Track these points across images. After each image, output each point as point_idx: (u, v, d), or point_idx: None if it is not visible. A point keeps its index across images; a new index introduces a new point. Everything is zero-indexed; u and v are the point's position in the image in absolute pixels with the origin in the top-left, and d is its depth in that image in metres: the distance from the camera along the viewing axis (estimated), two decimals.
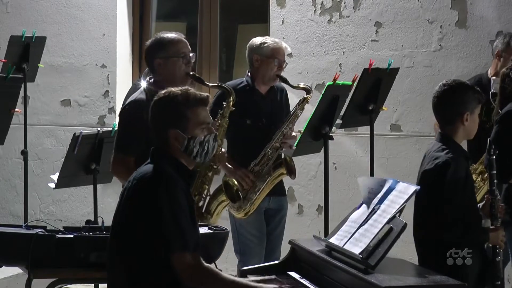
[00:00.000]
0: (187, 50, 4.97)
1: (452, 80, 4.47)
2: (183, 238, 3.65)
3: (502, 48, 6.31)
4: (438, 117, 4.45)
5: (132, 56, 8.30)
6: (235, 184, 5.26)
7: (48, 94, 8.32)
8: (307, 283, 4.09)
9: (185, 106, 3.83)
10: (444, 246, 4.21)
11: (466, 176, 4.28)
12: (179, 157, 3.84)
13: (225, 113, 5.11)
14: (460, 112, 4.35)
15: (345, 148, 7.31)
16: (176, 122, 3.82)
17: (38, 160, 8.27)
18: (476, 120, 4.38)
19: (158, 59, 4.93)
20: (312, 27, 7.50)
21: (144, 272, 3.69)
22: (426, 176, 4.31)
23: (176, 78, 4.88)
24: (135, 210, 3.72)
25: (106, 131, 5.76)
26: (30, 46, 7.04)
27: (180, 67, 4.92)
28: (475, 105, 4.36)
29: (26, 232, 4.48)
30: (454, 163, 4.23)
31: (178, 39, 4.98)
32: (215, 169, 5.04)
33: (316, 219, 7.35)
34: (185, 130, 3.82)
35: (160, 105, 3.87)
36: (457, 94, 4.37)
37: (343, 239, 3.96)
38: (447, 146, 4.32)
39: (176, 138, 3.81)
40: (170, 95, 3.86)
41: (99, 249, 4.35)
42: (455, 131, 4.37)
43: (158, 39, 4.99)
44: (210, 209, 5.12)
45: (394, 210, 3.87)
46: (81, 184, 6.07)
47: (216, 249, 4.52)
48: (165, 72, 4.92)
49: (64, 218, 8.13)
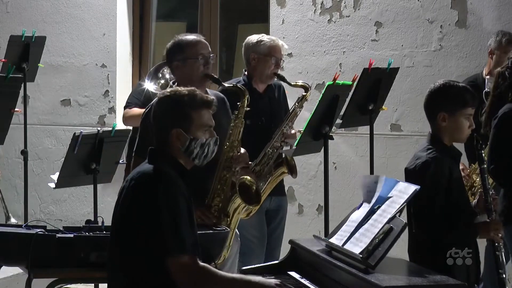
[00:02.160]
0: (205, 52, 4.96)
1: (443, 80, 4.46)
2: (181, 241, 3.64)
3: (494, 46, 6.32)
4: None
5: (132, 56, 8.30)
6: (252, 183, 5.12)
7: (48, 94, 8.32)
8: (307, 282, 4.08)
9: (190, 107, 3.83)
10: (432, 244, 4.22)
11: (450, 175, 4.27)
12: (178, 157, 3.84)
13: (240, 114, 5.05)
14: (435, 112, 4.34)
15: (345, 148, 7.31)
16: (180, 122, 3.82)
17: (38, 160, 8.27)
18: (460, 123, 4.32)
19: (176, 61, 4.94)
20: (312, 27, 7.50)
21: (143, 273, 3.68)
22: (407, 175, 4.33)
23: (194, 79, 4.88)
24: (134, 211, 3.71)
25: (106, 131, 5.75)
26: (30, 46, 7.03)
27: (197, 68, 4.92)
28: (457, 107, 4.31)
29: (26, 232, 4.48)
30: (435, 164, 4.23)
31: (196, 41, 4.97)
32: (234, 172, 5.00)
33: (316, 219, 7.35)
34: (188, 131, 3.82)
35: (165, 104, 3.87)
36: (435, 95, 4.38)
37: (343, 239, 3.96)
38: (432, 146, 4.32)
39: (178, 137, 3.81)
40: (176, 94, 3.86)
41: (99, 249, 4.35)
42: (439, 131, 4.36)
43: (177, 41, 4.99)
44: (228, 212, 5.04)
45: (394, 210, 3.86)
46: (81, 184, 6.07)
47: (216, 249, 4.52)
48: (183, 73, 4.92)
49: (64, 218, 8.13)
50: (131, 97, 6.71)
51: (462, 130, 4.34)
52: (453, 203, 4.24)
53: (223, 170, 4.96)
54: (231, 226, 5.02)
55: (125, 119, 6.57)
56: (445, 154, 4.31)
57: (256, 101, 5.66)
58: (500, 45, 6.28)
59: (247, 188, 5.10)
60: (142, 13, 8.34)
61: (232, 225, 5.02)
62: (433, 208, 4.18)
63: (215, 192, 4.95)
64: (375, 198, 4.02)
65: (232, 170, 4.96)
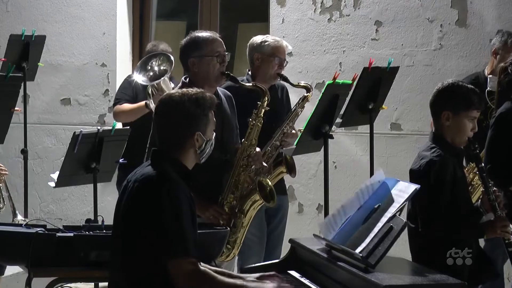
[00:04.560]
0: (221, 49, 4.97)
1: (452, 80, 4.47)
2: (184, 243, 3.63)
3: (499, 46, 6.31)
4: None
5: (132, 55, 8.30)
6: (268, 184, 5.16)
7: (48, 93, 8.32)
8: (307, 282, 4.08)
9: (209, 108, 3.84)
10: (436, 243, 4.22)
11: (455, 174, 4.27)
12: (183, 158, 3.83)
13: (259, 113, 5.07)
14: (440, 110, 4.35)
15: (345, 147, 7.31)
16: (200, 125, 3.81)
17: (38, 159, 8.27)
18: (463, 124, 4.32)
19: (192, 58, 4.94)
20: (312, 26, 7.50)
21: (144, 274, 3.68)
22: (412, 175, 4.32)
23: (210, 77, 4.90)
24: (137, 213, 3.70)
25: (106, 130, 5.75)
26: (30, 45, 7.03)
27: (214, 66, 4.93)
28: (462, 108, 4.32)
29: (26, 231, 4.48)
30: (440, 163, 4.23)
31: (213, 38, 4.98)
32: (250, 170, 5.02)
33: (316, 218, 7.34)
34: (204, 133, 3.83)
35: (187, 106, 3.79)
36: (442, 93, 4.39)
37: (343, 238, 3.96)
38: (436, 145, 4.32)
39: (198, 140, 3.81)
40: (193, 97, 3.81)
41: (99, 248, 4.36)
42: (442, 130, 4.37)
43: (193, 38, 4.99)
44: (243, 209, 5.06)
45: (394, 209, 3.87)
46: (81, 183, 6.07)
47: (216, 248, 4.52)
48: (199, 71, 4.93)
49: (64, 217, 8.13)
50: (119, 93, 6.72)
51: (464, 132, 4.34)
52: (458, 201, 4.24)
53: (239, 168, 4.99)
54: (244, 223, 5.05)
55: (117, 116, 6.58)
56: (449, 152, 4.31)
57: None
58: (505, 45, 6.27)
59: (263, 187, 5.13)
60: (142, 13, 8.34)
61: (246, 221, 5.05)
62: (438, 207, 4.17)
63: (230, 189, 4.98)
64: (375, 198, 4.03)
65: (248, 168, 5.00)
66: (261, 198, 5.07)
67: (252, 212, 5.13)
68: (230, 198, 5.02)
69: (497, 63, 6.22)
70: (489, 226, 4.29)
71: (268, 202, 5.14)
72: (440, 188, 4.19)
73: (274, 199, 5.17)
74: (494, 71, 6.23)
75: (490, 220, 4.31)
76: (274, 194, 5.19)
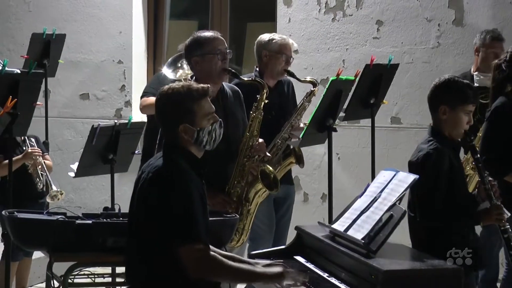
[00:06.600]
0: (222, 47, 4.96)
1: (449, 75, 4.45)
2: (195, 229, 3.63)
3: (479, 44, 6.30)
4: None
5: (147, 53, 8.30)
6: (271, 171, 5.15)
7: (67, 88, 8.33)
8: (312, 266, 4.09)
9: (190, 100, 3.82)
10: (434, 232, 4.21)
11: (451, 165, 4.26)
12: (190, 147, 3.84)
13: (259, 106, 5.07)
14: (437, 105, 4.33)
15: (348, 140, 7.30)
16: (183, 117, 3.80)
17: (59, 151, 8.28)
18: (459, 117, 4.29)
19: (195, 57, 4.94)
20: (317, 25, 7.49)
21: (159, 260, 3.68)
22: (410, 167, 4.31)
23: (213, 74, 4.89)
24: (151, 201, 3.70)
25: (122, 123, 5.75)
26: (51, 43, 7.04)
27: (216, 63, 4.92)
28: (457, 102, 4.29)
29: (48, 218, 4.50)
30: (436, 155, 4.21)
31: (214, 37, 4.97)
32: (254, 160, 5.02)
33: (320, 207, 7.35)
34: (193, 123, 3.81)
35: (166, 102, 3.83)
36: (439, 88, 4.36)
37: (346, 225, 3.96)
38: (434, 138, 4.30)
39: (186, 131, 3.79)
40: (174, 92, 3.82)
41: (116, 235, 4.37)
42: (439, 124, 4.34)
43: (195, 38, 4.99)
44: (248, 197, 5.06)
45: (394, 198, 3.87)
46: (99, 173, 6.07)
47: (226, 234, 4.54)
48: (202, 69, 4.92)
49: (83, 205, 8.14)
50: (147, 87, 6.74)
51: (460, 125, 4.32)
52: (455, 191, 4.22)
53: (243, 158, 5.00)
54: (250, 210, 5.05)
55: (142, 108, 6.61)
56: (446, 145, 4.29)
57: (267, 96, 5.67)
58: (484, 42, 6.26)
59: (266, 176, 5.12)
60: (157, 12, 8.34)
61: (252, 209, 5.05)
62: (435, 197, 4.16)
63: (235, 179, 4.98)
64: (377, 187, 4.03)
65: (252, 158, 4.99)
66: (263, 186, 5.06)
67: (258, 199, 5.12)
68: (236, 187, 5.02)
69: (480, 60, 6.23)
70: (485, 214, 4.27)
71: (271, 190, 5.12)
72: (437, 178, 4.17)
73: (277, 186, 5.16)
74: (479, 69, 6.24)
75: (486, 208, 4.29)
76: (278, 181, 5.17)
